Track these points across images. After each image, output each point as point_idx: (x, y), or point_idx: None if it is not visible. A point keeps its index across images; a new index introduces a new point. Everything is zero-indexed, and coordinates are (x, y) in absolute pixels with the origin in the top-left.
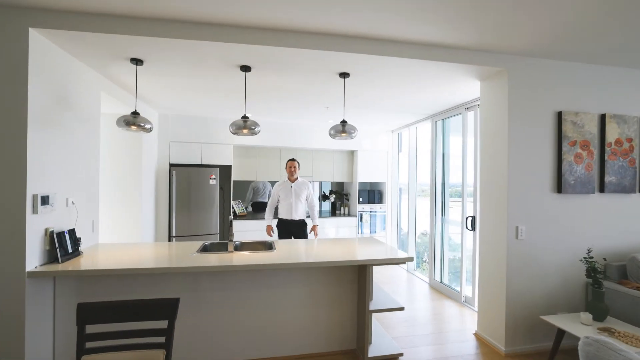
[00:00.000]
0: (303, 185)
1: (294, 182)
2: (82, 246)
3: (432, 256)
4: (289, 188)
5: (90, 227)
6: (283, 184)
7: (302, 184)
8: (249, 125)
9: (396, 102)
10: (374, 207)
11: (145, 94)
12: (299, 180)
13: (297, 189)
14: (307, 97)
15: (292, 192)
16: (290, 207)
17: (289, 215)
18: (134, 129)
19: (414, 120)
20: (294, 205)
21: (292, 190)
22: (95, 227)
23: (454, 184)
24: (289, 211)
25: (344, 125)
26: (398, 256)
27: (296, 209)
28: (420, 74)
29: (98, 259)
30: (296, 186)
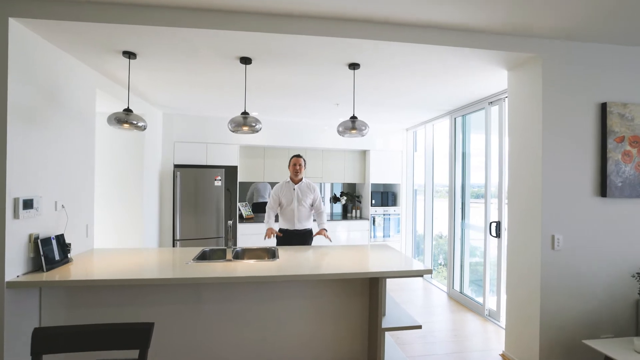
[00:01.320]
0: (309, 188)
1: (298, 184)
2: (74, 252)
3: (450, 263)
4: (292, 191)
5: (84, 232)
6: (284, 185)
7: (307, 186)
8: (249, 122)
9: (411, 98)
10: (388, 210)
11: (145, 91)
12: (304, 182)
13: (301, 193)
14: (315, 92)
15: (295, 196)
16: (292, 214)
17: (291, 224)
18: (127, 127)
19: (431, 117)
20: (296, 212)
21: (295, 194)
22: (90, 231)
23: (475, 184)
24: (290, 219)
25: (353, 121)
26: (414, 268)
27: (299, 216)
28: (439, 63)
29: (88, 267)
30: (300, 189)
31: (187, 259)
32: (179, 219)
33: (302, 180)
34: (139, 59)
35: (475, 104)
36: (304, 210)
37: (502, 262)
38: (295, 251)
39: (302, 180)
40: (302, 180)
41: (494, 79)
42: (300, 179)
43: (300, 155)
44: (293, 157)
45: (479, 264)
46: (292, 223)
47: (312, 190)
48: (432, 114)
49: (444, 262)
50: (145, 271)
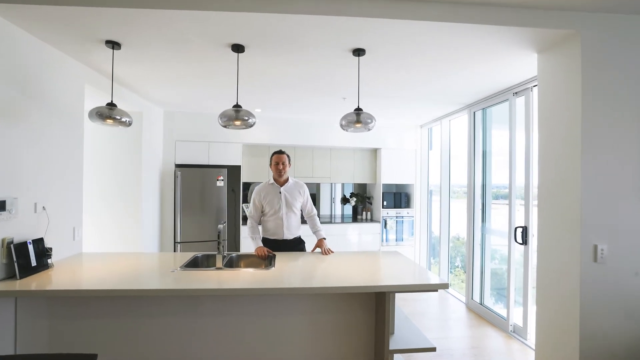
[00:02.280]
0: (297, 189)
1: (284, 185)
2: (59, 257)
3: (469, 271)
4: (276, 194)
5: (71, 235)
6: (267, 188)
7: (295, 186)
8: (242, 115)
9: (425, 90)
10: (400, 212)
11: (140, 87)
12: (291, 182)
13: (288, 195)
14: (318, 84)
15: (282, 200)
16: (279, 221)
17: (279, 233)
18: (110, 122)
19: (447, 112)
20: (285, 219)
21: (281, 197)
22: (78, 234)
23: (497, 185)
24: (277, 228)
25: (358, 113)
26: (428, 281)
27: (289, 223)
28: (457, 46)
29: (68, 274)
30: (287, 190)
31: (176, 265)
32: (180, 221)
33: (288, 180)
34: (124, 50)
35: (497, 96)
36: (294, 217)
37: (529, 272)
38: (293, 258)
39: (288, 181)
40: (289, 181)
41: (521, 64)
42: (285, 180)
43: (282, 151)
44: (274, 154)
45: (501, 271)
46: (281, 233)
47: (302, 192)
48: (448, 109)
49: (460, 264)
50: (125, 280)
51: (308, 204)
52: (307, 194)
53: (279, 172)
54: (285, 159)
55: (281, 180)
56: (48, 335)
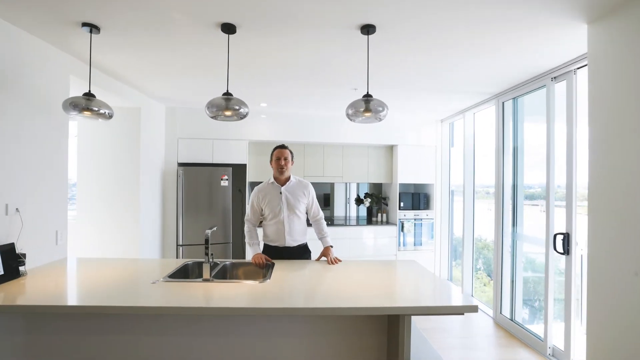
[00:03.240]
0: (300, 189)
1: (285, 185)
2: (39, 263)
3: (497, 282)
4: (277, 195)
5: (53, 239)
6: (267, 188)
7: (298, 186)
8: (233, 104)
9: (446, 77)
10: (419, 214)
11: (135, 80)
12: (293, 181)
13: (290, 196)
14: (324, 73)
15: (284, 201)
16: (280, 226)
17: (281, 239)
18: (88, 115)
19: (471, 103)
20: (287, 223)
21: (282, 198)
22: (61, 238)
23: (530, 185)
24: (278, 233)
25: (367, 100)
26: (454, 302)
27: (291, 228)
28: (486, 21)
29: (41, 284)
30: (289, 190)
31: (162, 273)
32: (183, 223)
33: (290, 179)
34: (105, 35)
35: (531, 82)
36: (297, 221)
37: (572, 285)
38: (294, 268)
39: (290, 180)
40: (291, 179)
41: (563, 41)
42: (287, 178)
43: (285, 145)
44: (276, 148)
45: (536, 283)
46: (283, 239)
47: (306, 193)
48: (473, 100)
49: (482, 266)
50: (96, 292)
51: (313, 206)
52: (313, 194)
53: (280, 169)
54: (288, 154)
55: (282, 179)
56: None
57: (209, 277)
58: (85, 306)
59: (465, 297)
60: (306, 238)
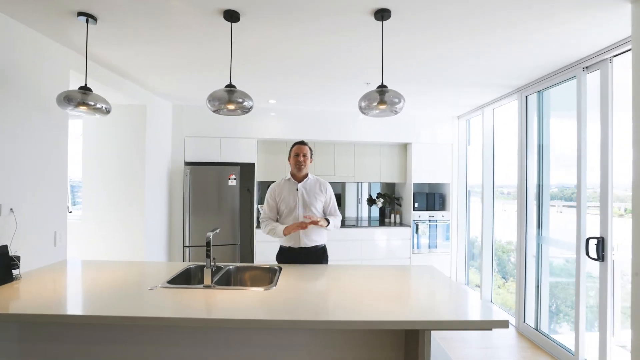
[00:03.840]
0: (318, 187)
1: (302, 182)
2: (36, 266)
3: (520, 288)
4: (293, 192)
5: (51, 241)
6: (284, 185)
7: (315, 183)
8: (236, 97)
9: (465, 69)
10: (434, 215)
11: (139, 76)
12: (311, 179)
13: (307, 194)
14: (335, 65)
15: (300, 198)
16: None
17: (295, 240)
18: (84, 109)
19: (491, 98)
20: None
21: (298, 196)
22: (61, 239)
23: (558, 185)
24: (294, 233)
25: (382, 92)
26: (480, 317)
27: (307, 228)
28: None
29: (34, 289)
30: (306, 188)
31: (162, 278)
32: (190, 223)
33: (307, 176)
34: (102, 26)
35: (559, 73)
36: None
37: (607, 295)
38: (301, 275)
39: (307, 177)
40: (308, 177)
41: (599, 25)
42: (305, 175)
43: (304, 142)
44: (295, 145)
45: (563, 288)
46: (297, 239)
47: (324, 190)
48: (493, 94)
49: (497, 268)
50: (90, 298)
51: (331, 205)
52: (331, 193)
53: (299, 166)
54: (307, 151)
55: (300, 176)
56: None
57: (210, 283)
58: (69, 315)
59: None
60: (324, 239)
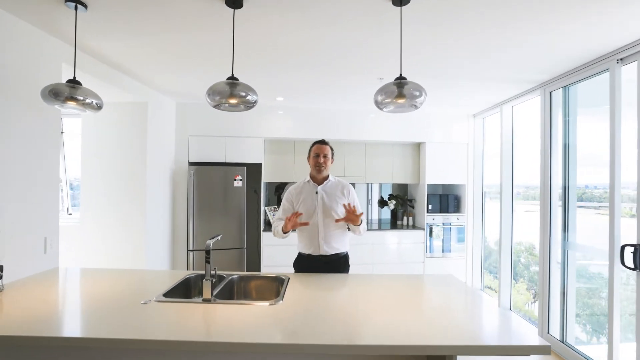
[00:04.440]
0: (340, 190)
1: (323, 185)
2: (24, 274)
3: (543, 297)
4: (312, 195)
5: (41, 247)
6: (303, 188)
7: (336, 186)
8: (239, 91)
9: (484, 63)
10: (448, 217)
11: (137, 71)
12: (333, 181)
13: (327, 197)
14: (346, 57)
15: (319, 202)
16: (315, 232)
17: (314, 247)
18: (72, 104)
19: (510, 95)
20: (321, 227)
21: (318, 200)
22: (52, 246)
23: (585, 185)
24: (312, 240)
25: (400, 84)
26: (514, 340)
27: (327, 235)
28: None
29: (17, 302)
30: (326, 191)
31: (158, 290)
32: (194, 226)
33: (328, 178)
34: (93, 13)
35: (589, 66)
36: (333, 226)
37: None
38: (309, 286)
39: (328, 179)
40: (329, 179)
41: (636, 12)
42: (325, 177)
43: (325, 141)
44: (315, 144)
45: (591, 296)
46: (316, 245)
47: (346, 193)
48: (513, 90)
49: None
50: (76, 316)
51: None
52: (354, 196)
53: (319, 167)
54: (328, 151)
55: (320, 178)
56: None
57: (210, 297)
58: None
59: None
60: (346, 247)
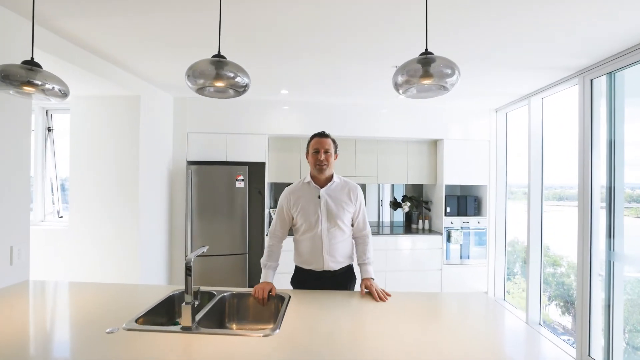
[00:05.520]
0: (345, 192)
1: (326, 186)
2: None
3: (583, 314)
4: (314, 199)
5: (7, 258)
6: (300, 189)
7: (342, 188)
8: (226, 72)
9: (513, 47)
10: (468, 221)
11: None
12: (337, 182)
13: (331, 201)
14: (355, 37)
15: (323, 209)
16: (318, 241)
17: (318, 260)
18: (29, 90)
19: (540, 85)
20: (326, 238)
21: (321, 204)
22: (20, 256)
23: (633, 185)
24: (315, 252)
25: (426, 59)
26: None
27: (332, 246)
28: None
29: None
30: (330, 194)
31: (133, 311)
32: (193, 230)
33: (332, 178)
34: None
35: None
36: (341, 236)
37: None
38: (313, 308)
39: (332, 180)
40: (334, 180)
41: None
42: (329, 177)
43: (325, 133)
44: (313, 137)
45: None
46: (320, 261)
47: (353, 197)
48: (546, 79)
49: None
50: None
51: (360, 216)
52: (361, 200)
53: (320, 166)
54: (330, 145)
55: (322, 179)
56: None
57: (190, 324)
58: None
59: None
60: (352, 259)
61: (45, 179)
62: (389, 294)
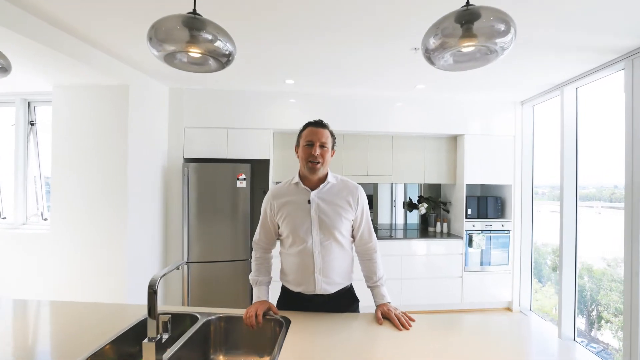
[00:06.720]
0: (343, 194)
1: (319, 189)
2: None
3: (633, 330)
4: (304, 204)
5: None
6: (286, 192)
7: (339, 190)
8: (204, 32)
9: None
10: (491, 224)
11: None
12: (332, 182)
13: (326, 206)
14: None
15: (314, 216)
16: (308, 258)
17: (309, 282)
18: None
19: (574, 74)
20: (318, 254)
21: (312, 212)
22: None
23: None
24: (305, 271)
25: (469, 14)
26: None
27: (326, 263)
28: None
29: None
30: (324, 197)
31: (94, 341)
32: (190, 234)
33: (326, 179)
34: None
35: None
36: (338, 251)
37: None
38: (316, 338)
39: (327, 180)
40: (328, 179)
41: None
42: (323, 177)
43: (322, 122)
44: (306, 126)
45: None
46: (310, 282)
47: (353, 202)
48: (584, 64)
49: (575, 294)
50: None
51: (363, 225)
52: (363, 203)
53: (312, 163)
54: (327, 138)
55: (314, 179)
56: None
57: None
58: None
59: None
60: (350, 279)
61: (27, 177)
62: (412, 319)
